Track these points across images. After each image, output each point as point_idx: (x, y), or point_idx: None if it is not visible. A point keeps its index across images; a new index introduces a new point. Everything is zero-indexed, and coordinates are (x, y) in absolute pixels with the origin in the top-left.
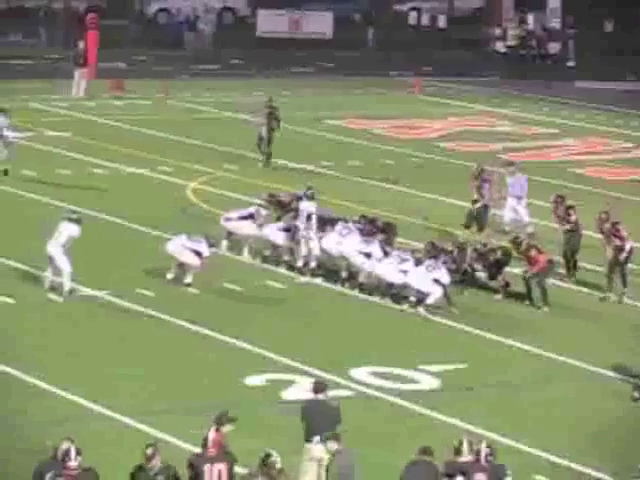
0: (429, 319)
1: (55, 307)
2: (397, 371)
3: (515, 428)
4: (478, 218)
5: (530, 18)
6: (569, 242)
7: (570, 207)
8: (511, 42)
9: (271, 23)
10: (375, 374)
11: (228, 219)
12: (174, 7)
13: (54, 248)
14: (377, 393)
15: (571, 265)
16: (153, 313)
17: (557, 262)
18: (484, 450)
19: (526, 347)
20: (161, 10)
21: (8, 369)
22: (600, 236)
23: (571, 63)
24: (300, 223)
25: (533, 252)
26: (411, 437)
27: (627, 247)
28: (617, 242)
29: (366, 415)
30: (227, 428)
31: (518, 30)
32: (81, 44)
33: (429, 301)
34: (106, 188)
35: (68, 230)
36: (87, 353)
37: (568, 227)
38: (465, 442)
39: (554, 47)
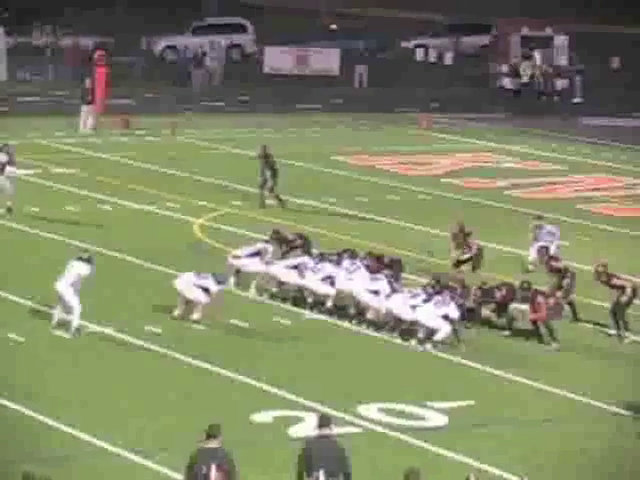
0: (436, 356)
1: (63, 343)
2: (405, 408)
3: (524, 466)
4: (474, 259)
5: (537, 55)
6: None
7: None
8: (519, 79)
9: (278, 60)
10: (383, 410)
11: (236, 257)
12: (181, 44)
13: (63, 286)
14: (385, 430)
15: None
16: (160, 349)
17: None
18: None
19: (534, 384)
20: (168, 47)
21: (15, 405)
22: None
23: (578, 99)
24: (309, 261)
25: (540, 299)
26: None
27: (628, 291)
28: (616, 290)
29: (374, 451)
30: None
31: (525, 67)
32: (88, 81)
33: (437, 337)
34: (113, 225)
35: (78, 269)
36: (94, 389)
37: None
38: (473, 479)
39: (561, 83)
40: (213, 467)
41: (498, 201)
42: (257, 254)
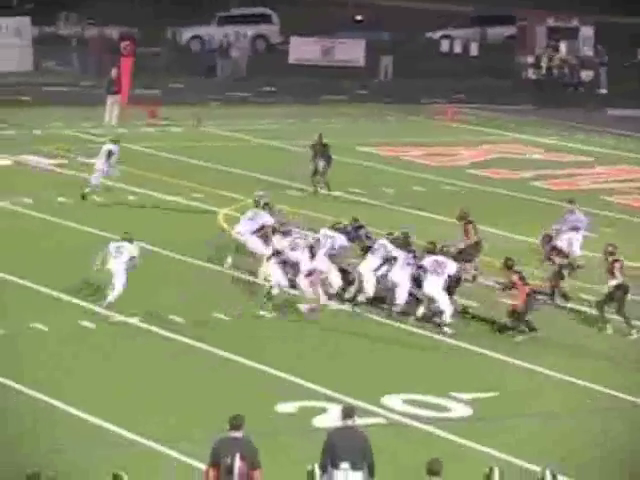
0: (461, 347)
1: (87, 333)
2: (429, 399)
3: (547, 457)
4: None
5: (563, 46)
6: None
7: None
8: (544, 70)
9: (303, 50)
10: (407, 402)
11: (238, 233)
12: (207, 35)
13: (118, 266)
14: (409, 421)
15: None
16: (184, 340)
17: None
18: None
19: (558, 375)
20: (194, 37)
21: (39, 395)
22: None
23: (603, 91)
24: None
25: (515, 278)
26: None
27: (612, 283)
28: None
29: (398, 442)
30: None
31: (546, 57)
32: (114, 71)
33: (447, 319)
34: (137, 215)
35: (130, 251)
36: (118, 379)
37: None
38: (496, 470)
39: (586, 75)
40: (237, 457)
41: (523, 192)
42: (260, 230)
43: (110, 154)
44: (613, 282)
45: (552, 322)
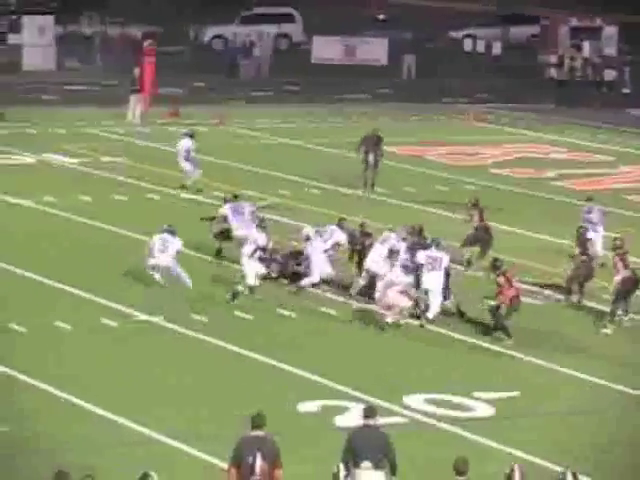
0: (483, 346)
1: (109, 331)
2: (451, 398)
3: (568, 456)
4: (481, 240)
5: (586, 45)
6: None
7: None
8: (567, 69)
9: (326, 49)
10: (430, 401)
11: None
12: (229, 34)
13: (169, 260)
14: (431, 420)
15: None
16: (206, 338)
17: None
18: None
19: (580, 375)
20: (216, 37)
21: (62, 393)
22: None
23: (626, 90)
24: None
25: (502, 280)
26: None
27: (617, 278)
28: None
29: (420, 442)
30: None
31: (568, 57)
32: (137, 70)
33: (430, 315)
34: (160, 214)
35: (175, 245)
36: (140, 377)
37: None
38: (517, 470)
39: (610, 74)
40: (258, 456)
41: (545, 192)
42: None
43: (187, 151)
44: (618, 277)
45: (573, 321)
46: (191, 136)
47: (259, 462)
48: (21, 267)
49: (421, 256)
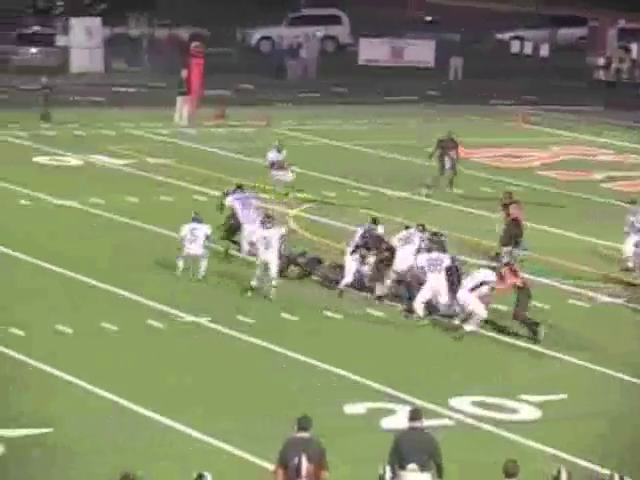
0: (529, 348)
1: (156, 333)
2: (498, 400)
3: (616, 460)
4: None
5: (634, 47)
6: None
7: None
8: (614, 71)
9: (373, 51)
10: (476, 403)
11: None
12: (277, 35)
13: (198, 248)
14: (477, 423)
15: None
16: (252, 340)
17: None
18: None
19: (627, 378)
20: (264, 38)
21: (110, 395)
22: None
23: None
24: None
25: (505, 270)
26: None
27: None
28: None
29: (467, 444)
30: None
31: (621, 59)
32: (184, 72)
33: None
34: (207, 215)
35: (203, 230)
36: (186, 379)
37: None
38: (564, 472)
39: None
40: (304, 458)
41: (594, 194)
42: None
43: (272, 164)
44: None
45: (621, 324)
46: (278, 150)
47: (305, 464)
48: (67, 268)
49: (421, 259)
